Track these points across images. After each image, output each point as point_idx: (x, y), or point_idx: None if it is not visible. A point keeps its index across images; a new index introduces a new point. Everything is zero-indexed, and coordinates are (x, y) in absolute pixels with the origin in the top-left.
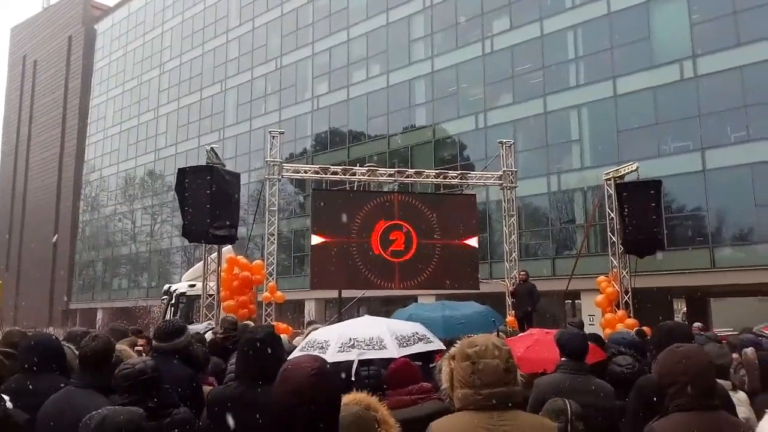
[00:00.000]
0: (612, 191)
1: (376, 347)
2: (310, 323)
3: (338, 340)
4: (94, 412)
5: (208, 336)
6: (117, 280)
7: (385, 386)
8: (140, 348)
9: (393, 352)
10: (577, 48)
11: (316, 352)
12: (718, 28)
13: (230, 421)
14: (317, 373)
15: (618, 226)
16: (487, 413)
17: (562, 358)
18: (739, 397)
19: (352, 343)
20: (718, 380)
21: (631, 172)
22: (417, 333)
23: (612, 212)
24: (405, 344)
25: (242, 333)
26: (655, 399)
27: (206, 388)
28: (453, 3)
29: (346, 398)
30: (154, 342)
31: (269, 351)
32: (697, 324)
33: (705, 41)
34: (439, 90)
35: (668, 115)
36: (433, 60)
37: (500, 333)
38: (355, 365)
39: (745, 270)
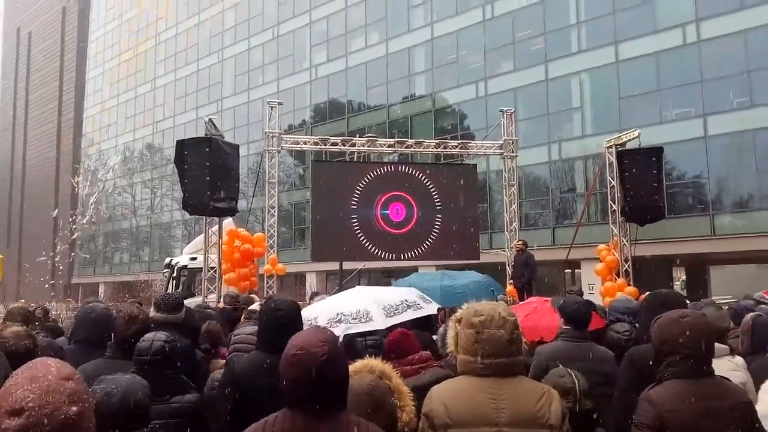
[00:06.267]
0: (613, 159)
1: (362, 320)
2: (314, 294)
3: (326, 315)
4: (102, 378)
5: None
6: (118, 255)
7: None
8: None
9: (380, 323)
10: (579, 12)
11: None
12: None
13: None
14: (328, 359)
15: (619, 195)
16: (488, 379)
17: (565, 326)
18: (737, 362)
19: (339, 317)
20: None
21: (633, 139)
22: (406, 300)
23: (613, 180)
24: (392, 314)
25: (247, 304)
26: (648, 366)
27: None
28: None
29: (358, 365)
30: (154, 312)
31: (294, 321)
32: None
33: (708, 4)
34: (439, 58)
35: (670, 81)
36: (433, 27)
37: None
38: (341, 339)
39: (745, 237)
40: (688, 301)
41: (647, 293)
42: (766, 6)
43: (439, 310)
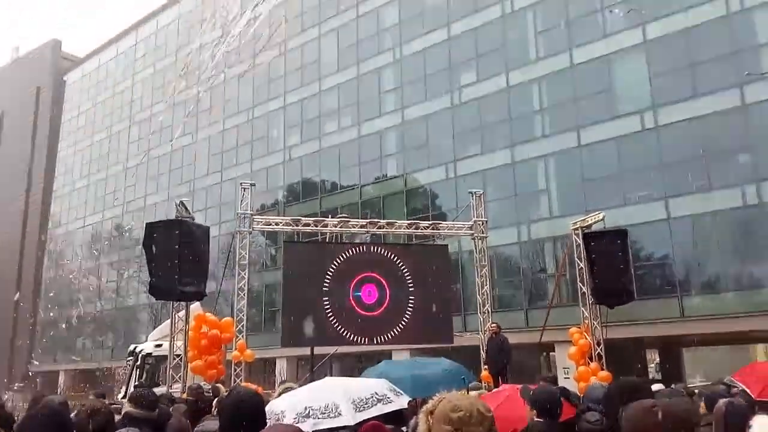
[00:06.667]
0: (580, 241)
1: (331, 415)
2: (282, 383)
3: (294, 409)
4: None
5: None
6: (81, 341)
7: None
8: None
9: (348, 418)
10: (542, 99)
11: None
12: (675, 80)
13: None
14: None
15: (587, 276)
16: None
17: (535, 419)
18: None
19: (307, 412)
20: None
21: (598, 221)
22: (376, 393)
23: (581, 262)
24: (362, 408)
25: (215, 395)
26: None
27: None
28: (422, 56)
29: None
30: (129, 407)
31: (258, 416)
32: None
33: (664, 93)
34: (410, 141)
35: (632, 164)
36: (404, 111)
37: (469, 391)
38: None
39: (714, 319)
40: (662, 385)
41: (613, 381)
42: (716, 95)
43: (410, 402)
